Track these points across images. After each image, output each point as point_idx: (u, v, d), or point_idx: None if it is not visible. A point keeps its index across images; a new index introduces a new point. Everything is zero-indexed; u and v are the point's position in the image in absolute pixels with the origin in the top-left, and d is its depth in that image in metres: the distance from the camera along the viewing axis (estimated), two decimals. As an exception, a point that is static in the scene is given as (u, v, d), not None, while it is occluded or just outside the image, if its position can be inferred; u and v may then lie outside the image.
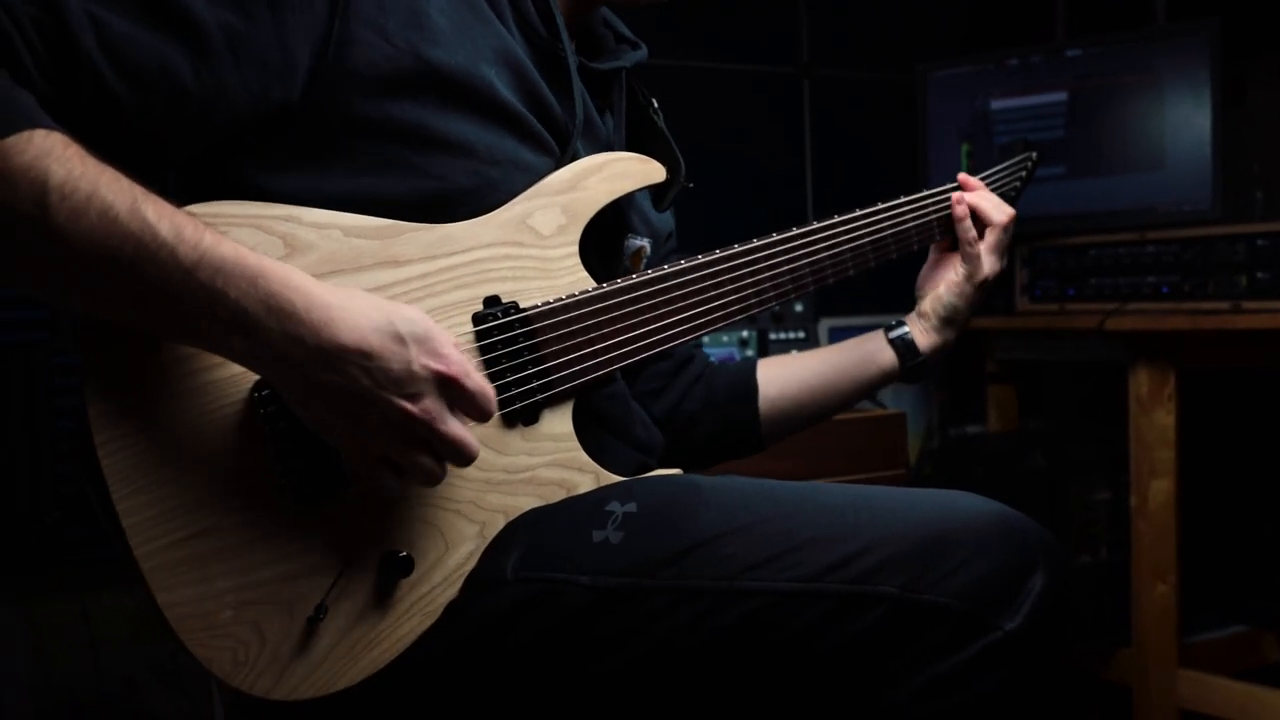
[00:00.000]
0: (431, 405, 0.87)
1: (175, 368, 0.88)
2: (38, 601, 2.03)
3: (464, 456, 0.91)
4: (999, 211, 1.31)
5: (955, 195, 1.31)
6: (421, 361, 0.87)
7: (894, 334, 1.31)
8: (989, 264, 1.30)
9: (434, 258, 0.98)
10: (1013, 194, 1.43)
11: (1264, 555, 2.60)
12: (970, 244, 1.29)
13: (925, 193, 1.32)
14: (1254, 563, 2.61)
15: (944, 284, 1.31)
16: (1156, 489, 2.25)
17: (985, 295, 1.32)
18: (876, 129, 2.90)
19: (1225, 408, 2.61)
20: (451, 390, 0.89)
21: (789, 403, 1.33)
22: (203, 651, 0.88)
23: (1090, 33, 2.63)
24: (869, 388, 1.34)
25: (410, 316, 0.88)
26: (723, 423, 1.32)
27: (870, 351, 1.32)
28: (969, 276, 1.30)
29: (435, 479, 0.91)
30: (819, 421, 1.37)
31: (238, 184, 0.96)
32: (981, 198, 1.32)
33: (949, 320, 1.31)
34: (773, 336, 2.39)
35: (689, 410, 1.30)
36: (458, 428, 0.90)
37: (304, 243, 0.93)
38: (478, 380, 0.90)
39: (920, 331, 1.31)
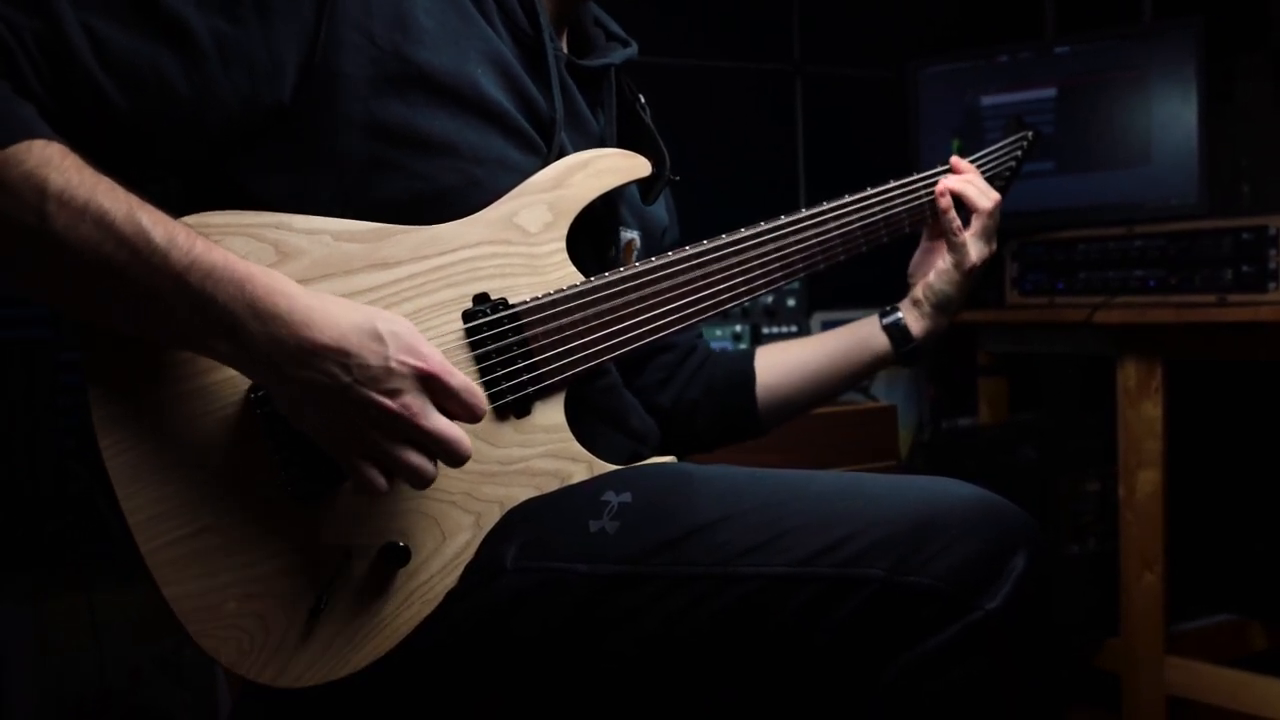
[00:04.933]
0: (412, 401, 0.89)
1: (174, 372, 0.91)
2: (43, 597, 2.04)
3: (455, 454, 0.92)
4: (984, 198, 1.30)
5: (939, 188, 1.31)
6: (399, 358, 0.88)
7: (888, 320, 1.34)
8: (975, 251, 1.30)
9: (423, 258, 1.00)
10: (1008, 173, 1.44)
11: (1250, 545, 2.63)
12: (955, 233, 1.30)
13: (915, 176, 1.32)
14: (1240, 552, 2.63)
15: (934, 271, 1.32)
16: (1144, 479, 2.27)
17: (977, 280, 1.33)
18: (868, 125, 2.92)
19: (1212, 399, 2.63)
20: (434, 386, 0.90)
21: (787, 388, 1.36)
22: (209, 643, 0.91)
23: (1079, 30, 2.65)
24: (865, 372, 1.36)
25: (390, 317, 0.90)
26: (722, 408, 1.35)
27: (864, 337, 1.35)
28: (957, 264, 1.30)
29: (424, 476, 0.92)
30: (819, 405, 1.41)
31: (234, 187, 0.99)
32: (968, 183, 1.31)
33: (941, 307, 1.32)
34: (765, 331, 2.41)
35: (691, 398, 1.33)
36: (444, 423, 0.91)
37: (294, 249, 0.95)
38: (461, 378, 0.92)
39: (914, 318, 1.33)
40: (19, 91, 0.86)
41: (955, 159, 1.35)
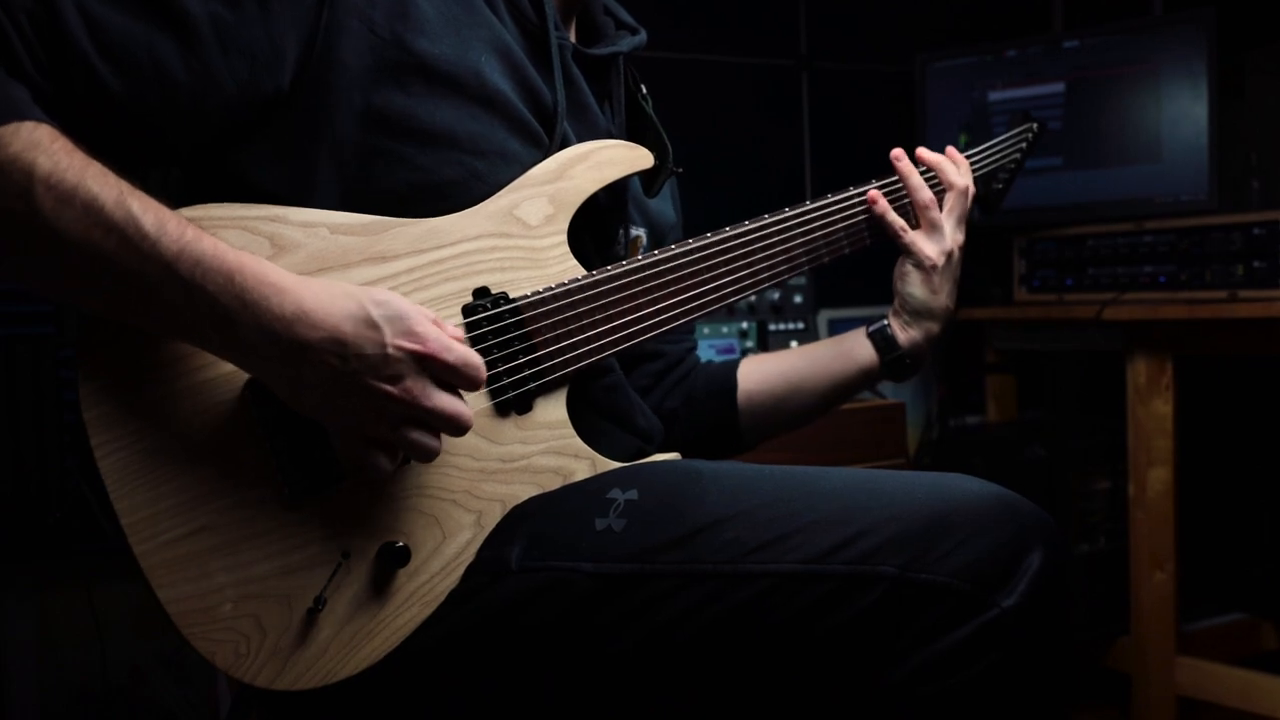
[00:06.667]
0: (412, 385, 0.88)
1: (168, 369, 0.89)
2: (45, 592, 2.04)
3: (457, 427, 0.91)
4: (921, 191, 1.26)
5: (869, 194, 1.26)
6: (396, 343, 0.87)
7: (873, 328, 1.29)
8: (930, 249, 1.25)
9: (421, 251, 0.99)
10: (1013, 166, 1.41)
11: (1261, 543, 2.61)
12: (898, 236, 1.26)
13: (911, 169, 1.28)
14: (1251, 551, 2.62)
15: (899, 277, 1.28)
16: (1154, 478, 2.26)
17: (949, 280, 1.27)
18: (875, 121, 2.90)
19: (1222, 396, 2.62)
20: (432, 366, 0.89)
21: (768, 397, 1.31)
22: (205, 645, 0.89)
23: (1088, 24, 2.64)
24: (852, 384, 1.31)
25: (382, 299, 0.88)
26: (701, 417, 1.31)
27: (850, 347, 1.30)
28: (917, 265, 1.25)
29: (430, 452, 0.91)
30: (807, 420, 1.35)
31: (233, 177, 0.97)
32: (913, 177, 1.27)
33: (918, 312, 1.27)
34: (772, 328, 2.39)
35: (669, 407, 1.29)
36: (445, 399, 0.90)
37: (290, 242, 0.93)
38: (459, 351, 0.90)
39: (898, 326, 1.28)
40: (12, 74, 0.85)
41: (950, 149, 1.31)
